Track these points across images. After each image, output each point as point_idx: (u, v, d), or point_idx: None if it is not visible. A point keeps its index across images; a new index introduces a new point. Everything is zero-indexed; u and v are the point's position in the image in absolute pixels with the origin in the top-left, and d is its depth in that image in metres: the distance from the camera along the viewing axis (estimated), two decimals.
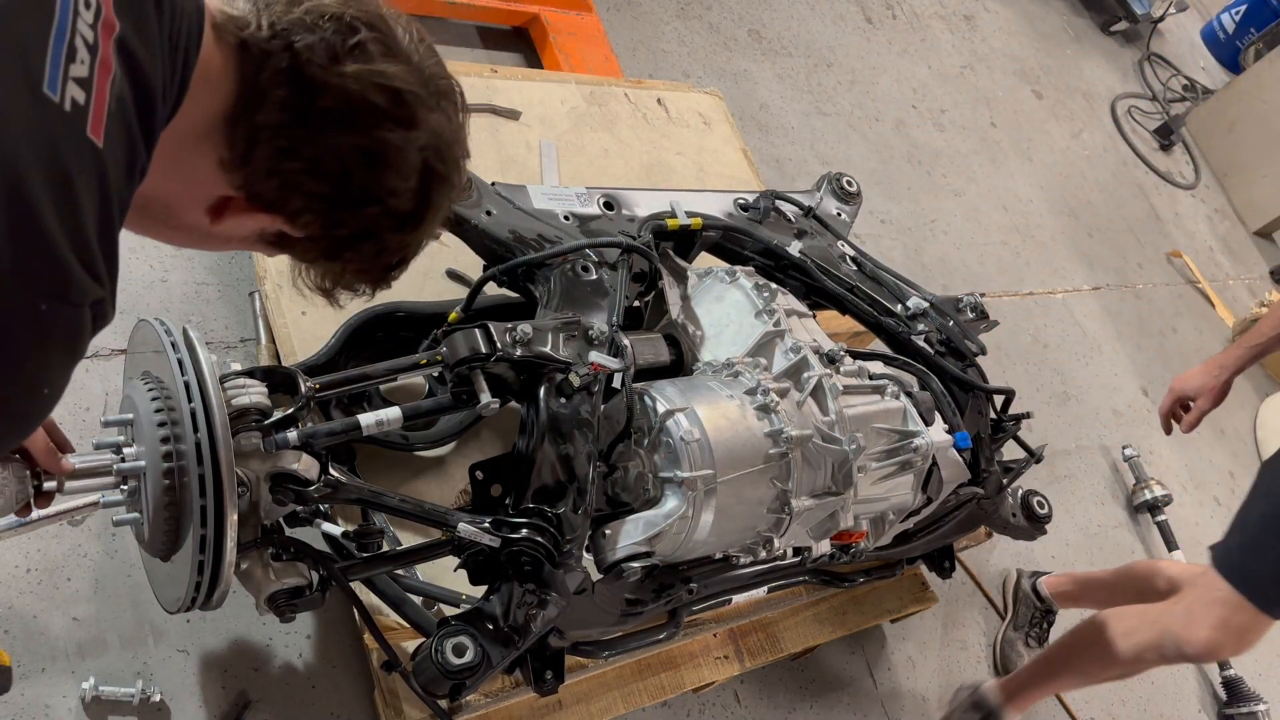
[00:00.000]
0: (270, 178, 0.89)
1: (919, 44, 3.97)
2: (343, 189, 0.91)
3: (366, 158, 0.90)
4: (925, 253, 3.26)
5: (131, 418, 1.21)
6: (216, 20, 0.86)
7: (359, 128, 0.89)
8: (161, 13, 0.79)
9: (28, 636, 1.45)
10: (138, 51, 0.77)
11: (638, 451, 1.49)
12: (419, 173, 0.94)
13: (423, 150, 0.93)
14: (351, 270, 1.02)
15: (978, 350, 2.00)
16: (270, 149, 0.87)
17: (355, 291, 1.06)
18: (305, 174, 0.89)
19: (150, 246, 1.84)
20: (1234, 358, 2.17)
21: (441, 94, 0.95)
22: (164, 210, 0.92)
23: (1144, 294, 3.92)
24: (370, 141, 0.89)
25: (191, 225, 0.95)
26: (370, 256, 0.99)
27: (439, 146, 0.95)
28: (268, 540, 1.27)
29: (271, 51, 0.85)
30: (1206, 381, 2.17)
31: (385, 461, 1.69)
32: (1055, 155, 4.12)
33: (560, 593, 1.38)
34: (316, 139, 0.88)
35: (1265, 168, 4.71)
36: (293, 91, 0.86)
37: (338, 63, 0.86)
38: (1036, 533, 2.14)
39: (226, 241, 1.00)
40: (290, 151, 0.88)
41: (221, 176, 0.89)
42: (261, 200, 0.91)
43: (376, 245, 0.98)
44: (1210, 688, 2.79)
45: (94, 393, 1.66)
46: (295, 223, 0.93)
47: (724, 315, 1.72)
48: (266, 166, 0.88)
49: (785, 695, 2.07)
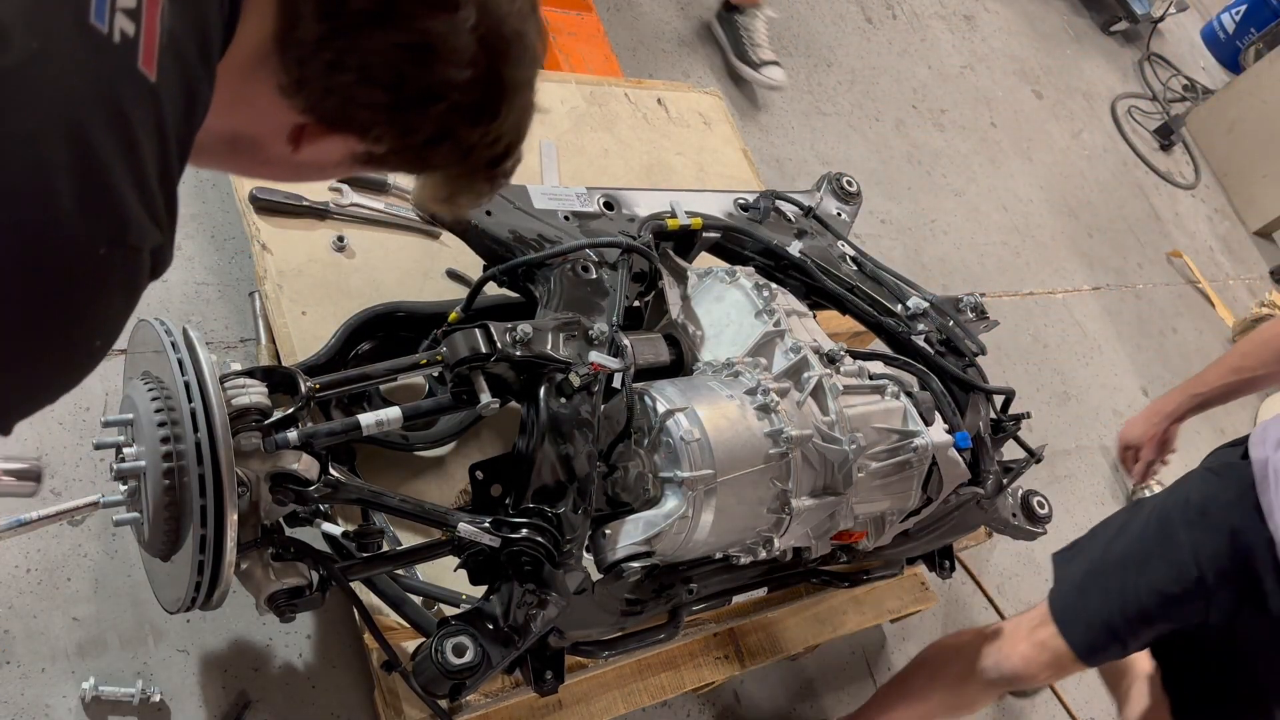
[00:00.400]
0: (329, 95, 0.86)
1: (919, 44, 3.97)
2: (399, 92, 0.87)
3: (413, 53, 0.85)
4: (925, 253, 3.26)
5: (131, 418, 1.21)
6: None
7: (397, 23, 0.84)
8: None
9: (28, 636, 1.45)
10: None
11: (638, 451, 1.49)
12: (477, 56, 0.88)
13: (475, 30, 0.87)
14: (452, 175, 0.98)
15: (978, 350, 2.00)
16: (319, 65, 0.84)
17: (474, 196, 1.02)
18: (358, 84, 0.86)
19: None
20: (1175, 405, 2.15)
21: None
22: (251, 145, 0.91)
23: (1144, 294, 3.92)
24: (412, 35, 0.85)
25: (280, 158, 0.92)
26: (460, 158, 0.95)
27: (492, 22, 0.88)
28: (268, 540, 1.27)
29: None
30: (1147, 430, 2.17)
31: (385, 461, 1.69)
32: (1055, 155, 4.12)
33: (560, 592, 1.38)
34: (358, 45, 0.84)
35: (1265, 168, 4.71)
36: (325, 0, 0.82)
37: None
38: (1036, 533, 2.14)
39: (321, 170, 0.98)
40: (337, 64, 0.84)
41: (286, 103, 0.87)
42: (330, 120, 0.89)
43: (456, 144, 0.93)
44: None
45: (94, 392, 1.66)
46: (368, 137, 0.91)
47: (724, 315, 1.72)
48: (322, 85, 0.85)
49: (785, 695, 2.07)
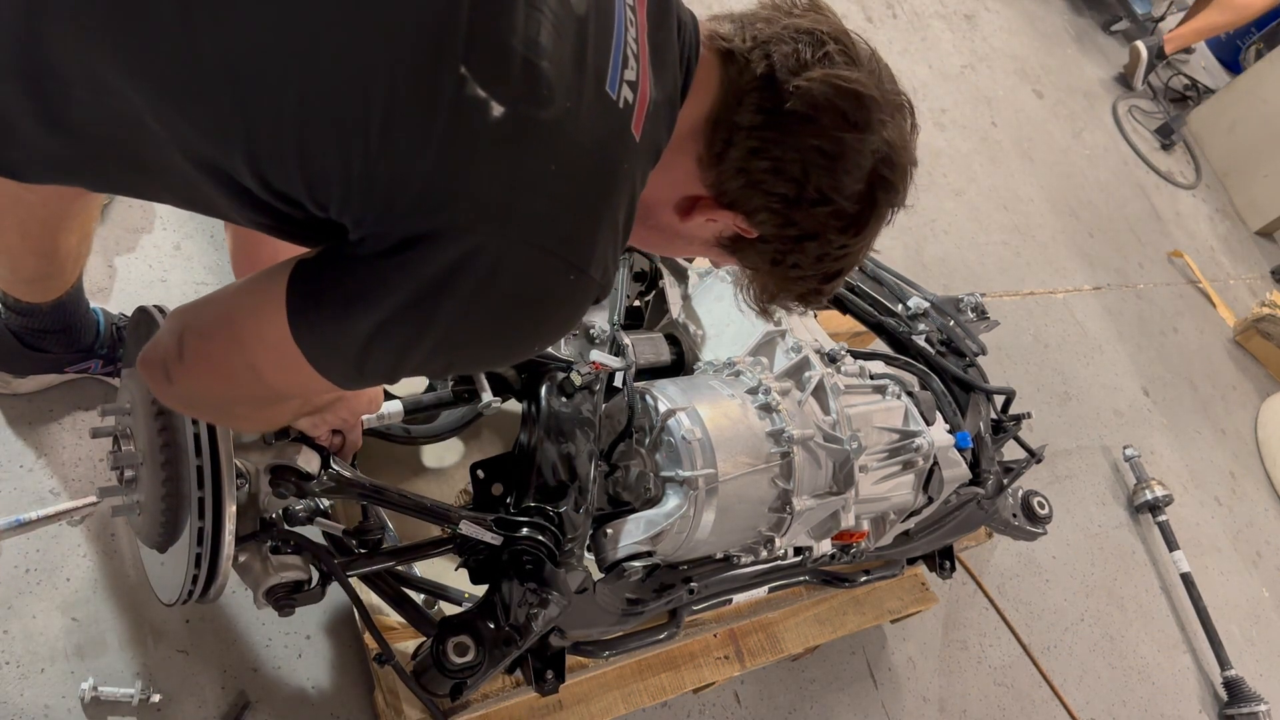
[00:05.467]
0: (738, 175, 0.97)
1: (919, 43, 3.97)
2: (800, 188, 0.97)
3: (825, 157, 0.96)
4: (925, 252, 3.25)
5: (129, 407, 1.21)
6: (705, 34, 0.99)
7: (821, 129, 0.95)
8: (680, 29, 0.95)
9: (27, 636, 1.45)
10: (665, 61, 0.92)
11: (639, 450, 1.49)
12: (869, 176, 0.99)
13: (874, 154, 0.98)
14: (794, 277, 1.07)
15: (978, 350, 2.00)
16: (743, 149, 0.96)
17: (795, 301, 1.12)
18: (769, 172, 0.96)
19: (150, 247, 1.84)
20: None
21: (895, 106, 1.01)
22: (644, 210, 0.99)
23: (1145, 294, 3.92)
24: (829, 142, 0.96)
25: (665, 224, 1.04)
26: (814, 260, 1.04)
27: (889, 153, 0.99)
28: (267, 533, 1.26)
29: (752, 60, 0.96)
30: None
31: (386, 458, 1.68)
32: (1056, 155, 4.12)
33: (562, 592, 1.38)
34: (784, 139, 0.95)
35: (1266, 167, 4.71)
36: (766, 95, 0.95)
37: (805, 69, 0.95)
38: (1037, 533, 2.14)
39: (689, 243, 1.08)
40: (760, 151, 0.96)
41: (697, 174, 0.99)
42: (726, 198, 1.00)
43: (821, 246, 1.03)
44: (1211, 688, 2.79)
45: (93, 394, 1.65)
46: (752, 220, 1.00)
47: (725, 314, 1.72)
48: (737, 165, 0.97)
49: (785, 695, 2.07)
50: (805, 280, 1.08)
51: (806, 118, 0.94)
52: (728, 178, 0.98)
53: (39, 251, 1.32)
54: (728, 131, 0.96)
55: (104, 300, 1.74)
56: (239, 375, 0.96)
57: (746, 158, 0.96)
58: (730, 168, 0.97)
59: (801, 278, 1.07)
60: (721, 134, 0.96)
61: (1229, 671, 2.75)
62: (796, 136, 0.95)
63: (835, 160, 0.96)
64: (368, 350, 0.86)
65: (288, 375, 0.93)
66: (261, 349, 0.92)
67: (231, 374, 0.96)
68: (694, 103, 0.96)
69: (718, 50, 0.97)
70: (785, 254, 1.04)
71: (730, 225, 1.02)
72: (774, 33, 0.97)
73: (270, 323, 0.88)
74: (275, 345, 0.88)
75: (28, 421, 1.58)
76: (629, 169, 0.86)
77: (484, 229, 0.80)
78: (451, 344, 0.88)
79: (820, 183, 0.97)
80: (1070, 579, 2.76)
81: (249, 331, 0.92)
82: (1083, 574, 2.79)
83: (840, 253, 1.04)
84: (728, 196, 0.99)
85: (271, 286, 0.88)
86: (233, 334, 0.94)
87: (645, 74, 0.88)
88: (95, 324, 1.57)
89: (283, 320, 0.87)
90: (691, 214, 1.02)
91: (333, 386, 0.92)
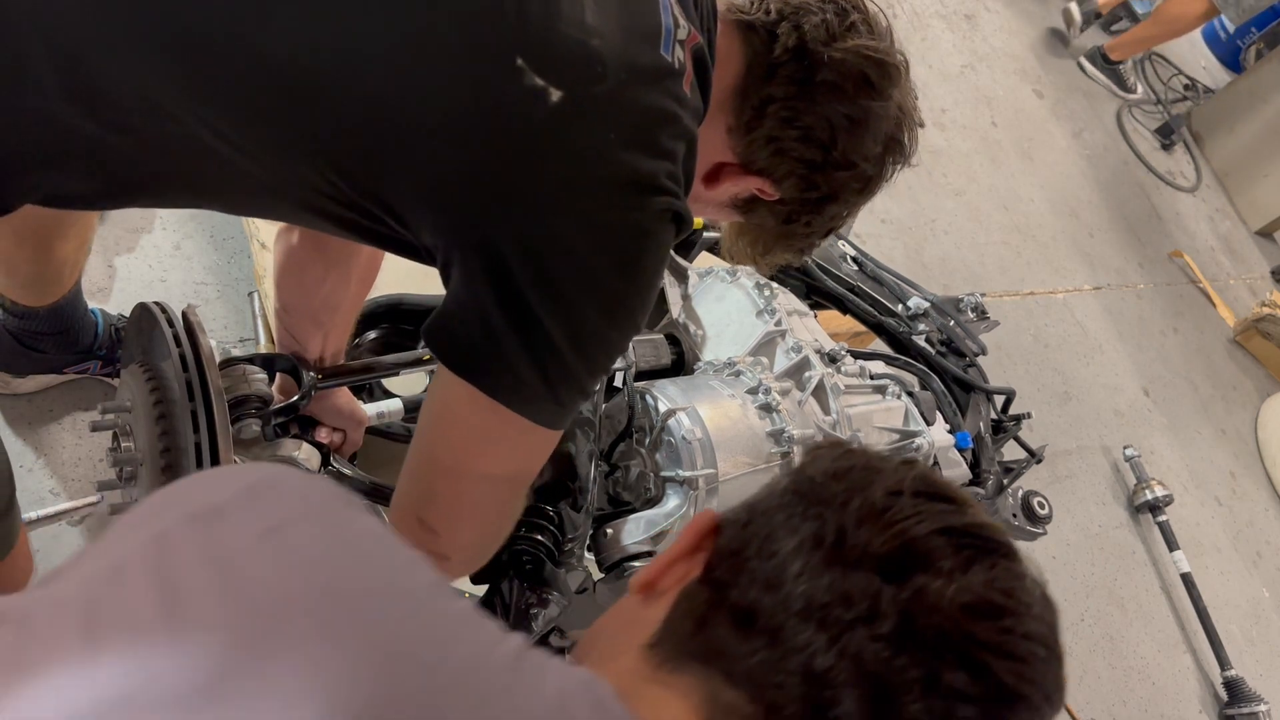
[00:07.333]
0: (768, 144, 0.99)
1: (919, 43, 3.97)
2: (827, 153, 1.00)
3: (851, 124, 0.98)
4: (925, 252, 3.25)
5: (129, 405, 1.20)
6: (722, 6, 1.00)
7: (849, 97, 0.97)
8: (699, 4, 0.96)
9: None
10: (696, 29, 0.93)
11: (639, 450, 1.49)
12: (885, 140, 1.02)
13: (892, 118, 1.02)
14: (801, 234, 1.10)
15: (978, 350, 2.00)
16: (775, 119, 0.98)
17: (792, 255, 1.16)
18: (799, 140, 0.99)
19: (149, 247, 1.84)
20: None
21: (903, 69, 1.03)
22: None
23: (1145, 294, 3.92)
24: (857, 109, 0.98)
25: (692, 193, 1.03)
26: (827, 219, 1.08)
27: (901, 117, 1.03)
28: None
29: (780, 32, 0.97)
30: None
31: (387, 455, 1.68)
32: (1056, 155, 4.12)
33: (562, 592, 1.37)
34: (814, 108, 0.97)
35: (1266, 167, 4.71)
36: (799, 66, 0.96)
37: (836, 40, 0.96)
38: (1036, 533, 2.13)
39: (715, 207, 1.11)
40: (790, 120, 0.98)
41: (726, 143, 1.01)
42: (755, 166, 1.02)
43: (837, 208, 1.07)
44: (1211, 688, 2.79)
45: (92, 394, 1.65)
46: (779, 185, 1.03)
47: (725, 315, 1.72)
48: (767, 134, 0.99)
49: None
50: (810, 236, 1.11)
51: (835, 86, 0.96)
52: (758, 146, 1.00)
53: (35, 258, 1.32)
54: (760, 101, 0.97)
55: (104, 300, 1.74)
56: (482, 497, 0.99)
57: (778, 126, 0.98)
58: (761, 136, 0.99)
59: (808, 234, 1.11)
60: (752, 104, 0.98)
61: (1229, 671, 2.75)
62: (825, 105, 0.97)
63: (861, 126, 0.99)
64: (547, 379, 0.88)
65: (513, 452, 0.96)
66: (475, 456, 0.95)
67: (476, 503, 1.00)
68: (723, 73, 0.97)
69: (736, 22, 0.99)
70: (800, 214, 1.07)
71: (751, 188, 1.04)
72: (799, 3, 0.98)
73: (463, 424, 0.92)
74: (494, 441, 0.93)
75: (28, 421, 1.58)
76: (687, 123, 0.88)
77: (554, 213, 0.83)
78: (595, 332, 0.89)
79: (846, 148, 0.99)
80: (1070, 579, 2.75)
81: (455, 454, 0.96)
82: (1083, 574, 2.79)
83: (849, 211, 1.08)
84: (757, 164, 1.01)
85: (441, 410, 0.95)
86: (441, 470, 0.98)
87: (688, 43, 0.91)
88: (93, 326, 1.57)
89: (480, 409, 0.89)
90: (719, 181, 1.04)
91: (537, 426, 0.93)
